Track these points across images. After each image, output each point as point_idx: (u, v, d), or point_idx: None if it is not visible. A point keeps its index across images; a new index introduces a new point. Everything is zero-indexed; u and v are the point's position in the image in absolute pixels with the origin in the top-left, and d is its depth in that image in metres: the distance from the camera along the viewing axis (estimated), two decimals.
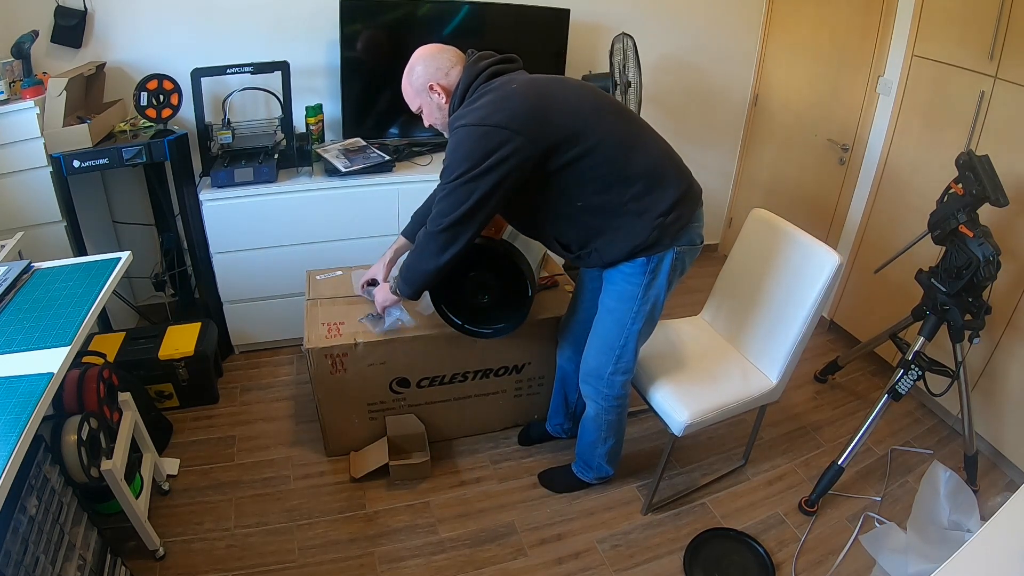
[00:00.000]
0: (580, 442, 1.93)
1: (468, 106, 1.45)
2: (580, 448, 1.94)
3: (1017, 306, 1.98)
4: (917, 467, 2.12)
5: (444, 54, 1.53)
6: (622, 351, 1.66)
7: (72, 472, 1.41)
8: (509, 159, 1.38)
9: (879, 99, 2.48)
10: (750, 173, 3.32)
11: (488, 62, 1.50)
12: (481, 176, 1.39)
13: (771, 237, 1.85)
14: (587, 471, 1.95)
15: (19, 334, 1.33)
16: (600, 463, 1.91)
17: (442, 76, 1.51)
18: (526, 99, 1.42)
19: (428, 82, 1.51)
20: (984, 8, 1.95)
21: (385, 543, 1.81)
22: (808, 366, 2.60)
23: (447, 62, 1.52)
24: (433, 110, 1.56)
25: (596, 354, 1.70)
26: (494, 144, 1.37)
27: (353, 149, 2.46)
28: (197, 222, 2.29)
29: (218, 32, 2.38)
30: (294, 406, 2.33)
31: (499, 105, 1.40)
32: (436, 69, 1.52)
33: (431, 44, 1.56)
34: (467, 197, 1.42)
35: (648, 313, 1.63)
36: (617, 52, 2.50)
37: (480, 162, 1.38)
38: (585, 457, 1.93)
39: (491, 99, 1.42)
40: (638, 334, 1.65)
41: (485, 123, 1.38)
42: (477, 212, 1.44)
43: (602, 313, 1.68)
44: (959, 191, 1.77)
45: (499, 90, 1.43)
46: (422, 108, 1.57)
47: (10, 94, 2.01)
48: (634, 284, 1.59)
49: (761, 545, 1.82)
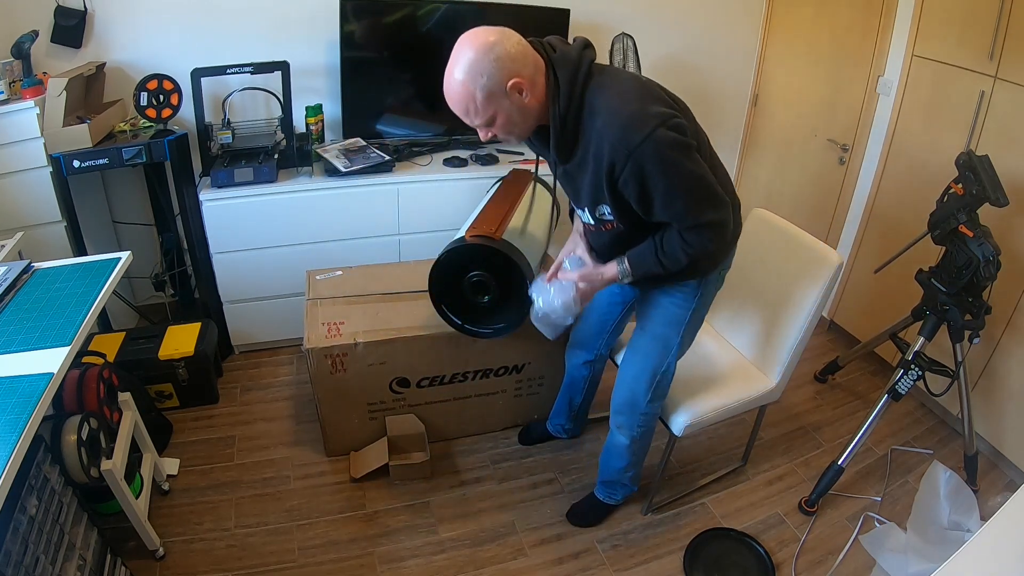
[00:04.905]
0: (607, 469, 1.83)
1: (609, 108, 1.19)
2: (607, 475, 1.84)
3: (1017, 306, 1.98)
4: (917, 467, 2.12)
5: (511, 40, 1.18)
6: (663, 376, 1.60)
7: (72, 472, 1.41)
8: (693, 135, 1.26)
9: (879, 99, 2.48)
10: (750, 173, 3.32)
11: (582, 44, 1.25)
12: (696, 158, 1.24)
13: (771, 237, 1.85)
14: (614, 494, 1.88)
15: (19, 334, 1.33)
16: (628, 483, 1.86)
17: (528, 68, 1.18)
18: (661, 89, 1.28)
19: (510, 79, 1.16)
20: (984, 8, 1.95)
21: (385, 543, 1.81)
22: (808, 366, 2.60)
23: (525, 50, 1.20)
24: (513, 115, 1.21)
25: (634, 381, 1.62)
26: (687, 133, 1.23)
27: (353, 149, 2.46)
28: (197, 222, 2.29)
29: (218, 32, 2.38)
30: (294, 406, 2.33)
31: (657, 96, 1.24)
32: (515, 61, 1.17)
33: (480, 30, 1.19)
34: (704, 175, 1.25)
35: (694, 334, 1.60)
36: (617, 52, 2.50)
37: (691, 151, 1.22)
38: (612, 481, 1.85)
39: (641, 93, 1.22)
40: (680, 356, 1.61)
41: (667, 121, 1.18)
42: (717, 188, 1.28)
43: (645, 339, 1.60)
44: (959, 191, 1.77)
45: (633, 80, 1.25)
46: (495, 117, 1.21)
47: (10, 94, 2.01)
48: (684, 308, 1.54)
49: (761, 545, 1.82)
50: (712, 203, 1.28)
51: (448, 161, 2.53)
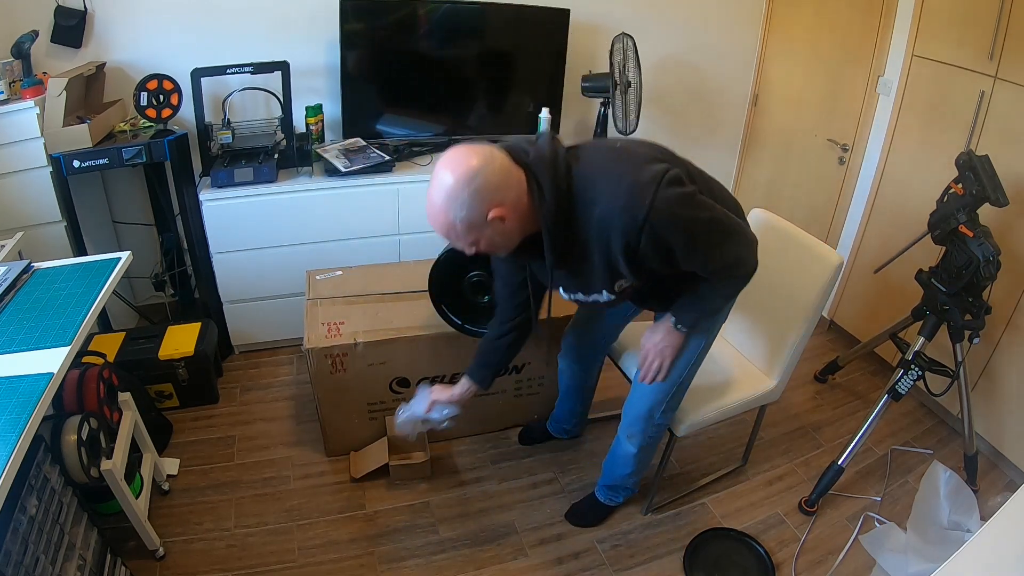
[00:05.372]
0: (611, 475, 1.83)
1: (603, 194, 1.16)
2: (610, 480, 1.84)
3: (1017, 306, 1.98)
4: (917, 467, 2.12)
5: (494, 165, 1.12)
6: (678, 389, 1.60)
7: (72, 472, 1.41)
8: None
9: (879, 99, 2.48)
10: (750, 173, 3.32)
11: (549, 138, 1.21)
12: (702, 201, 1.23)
13: (771, 237, 1.85)
14: (615, 497, 1.88)
15: (19, 334, 1.33)
16: (630, 487, 1.86)
17: (511, 192, 1.14)
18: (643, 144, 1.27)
19: (491, 210, 1.12)
20: (984, 8, 1.95)
21: (385, 543, 1.81)
22: (808, 366, 2.60)
23: (507, 172, 1.14)
24: (495, 239, 1.18)
25: (650, 395, 1.60)
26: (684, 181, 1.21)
27: (353, 149, 2.46)
28: (197, 222, 2.29)
29: (218, 32, 2.38)
30: (294, 406, 2.33)
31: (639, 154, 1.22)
32: (498, 190, 1.12)
33: (462, 153, 1.12)
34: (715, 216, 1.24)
35: (710, 347, 1.60)
36: (617, 52, 2.49)
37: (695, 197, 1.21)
38: (615, 485, 1.85)
39: (628, 162, 1.19)
40: (697, 369, 1.61)
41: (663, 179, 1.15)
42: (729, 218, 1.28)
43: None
44: (959, 191, 1.77)
45: (611, 152, 1.23)
46: (477, 241, 1.18)
47: (10, 94, 2.01)
48: (704, 331, 1.55)
49: (761, 545, 1.82)
50: (731, 238, 1.29)
51: None
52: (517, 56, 2.69)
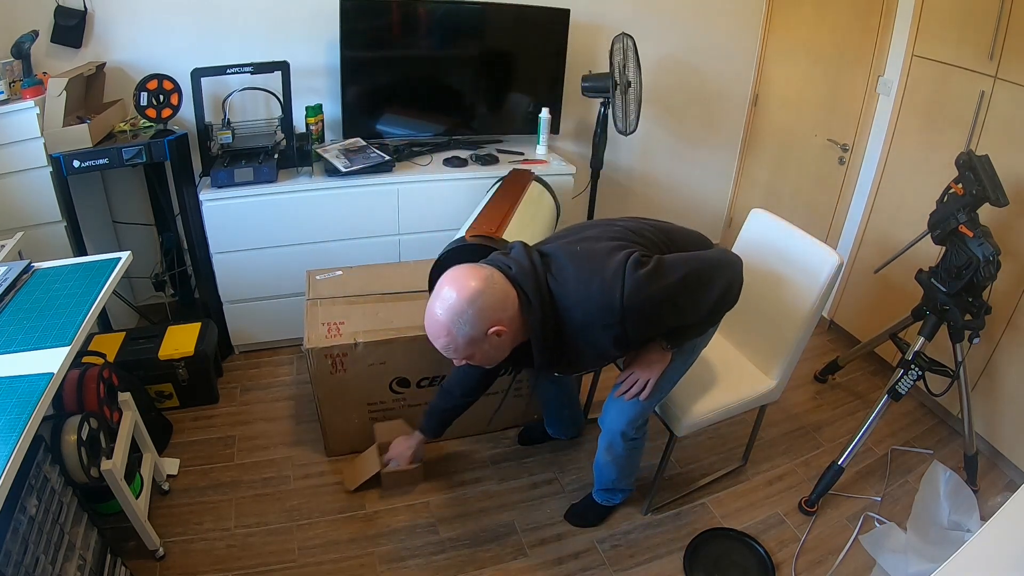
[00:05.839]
0: (603, 479, 1.82)
1: (584, 293, 1.22)
2: (604, 483, 1.83)
3: (1017, 306, 1.98)
4: (917, 467, 2.12)
5: (496, 286, 1.20)
6: (660, 398, 1.63)
7: (72, 472, 1.41)
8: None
9: (879, 99, 2.48)
10: (750, 173, 3.32)
11: (522, 247, 1.29)
12: (670, 265, 1.29)
13: (771, 237, 1.85)
14: (614, 497, 1.88)
15: (19, 334, 1.33)
16: (625, 487, 1.86)
17: (509, 310, 1.21)
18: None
19: (491, 327, 1.20)
20: (984, 8, 1.95)
21: (385, 543, 1.81)
22: (808, 366, 2.60)
23: (506, 291, 1.21)
24: (490, 352, 1.25)
25: (625, 416, 1.60)
26: (646, 260, 1.27)
27: (353, 149, 2.46)
28: (197, 222, 2.29)
29: (218, 32, 2.38)
30: (294, 406, 2.33)
31: (597, 240, 1.29)
32: (497, 309, 1.19)
33: (466, 273, 1.20)
34: (688, 272, 1.30)
35: (689, 368, 1.65)
36: (617, 52, 2.50)
37: (661, 267, 1.26)
38: (611, 486, 1.84)
39: (591, 264, 1.25)
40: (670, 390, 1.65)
41: (626, 264, 1.23)
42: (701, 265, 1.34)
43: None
44: (959, 191, 1.77)
45: (573, 254, 1.27)
46: (474, 355, 1.25)
47: (10, 94, 2.01)
48: (682, 362, 1.59)
49: (761, 545, 1.82)
50: (710, 282, 1.33)
51: (448, 161, 2.53)
52: (517, 56, 2.69)
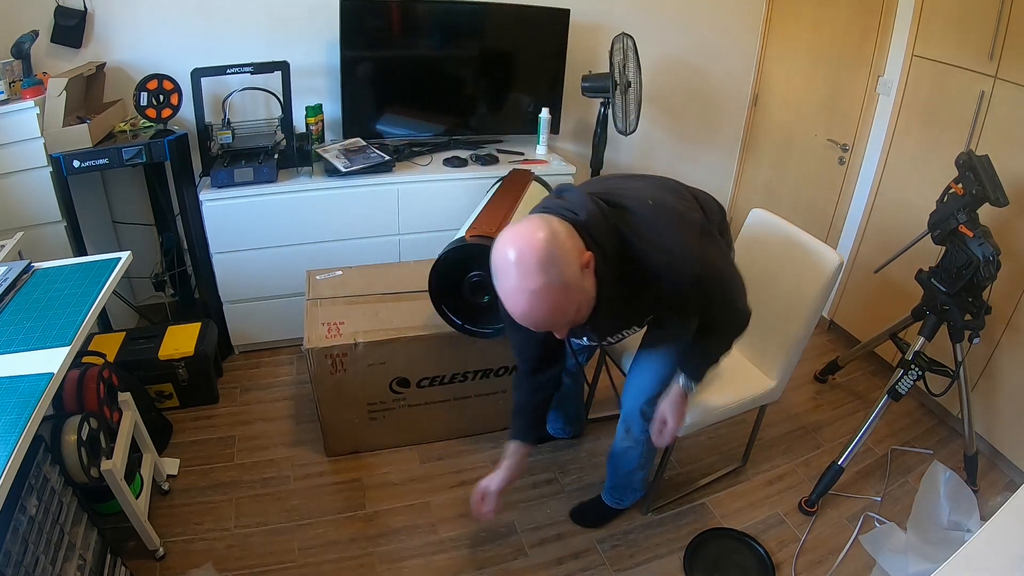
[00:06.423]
0: (616, 473, 1.81)
1: (649, 252, 1.20)
2: (616, 479, 1.83)
3: (1017, 306, 1.98)
4: (917, 467, 2.12)
5: (554, 222, 1.09)
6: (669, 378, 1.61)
7: (72, 472, 1.41)
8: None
9: (879, 99, 2.48)
10: (750, 173, 3.32)
11: (582, 192, 1.22)
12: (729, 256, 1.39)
13: (771, 237, 1.85)
14: (624, 498, 1.87)
15: (19, 334, 1.33)
16: (637, 487, 1.85)
17: (578, 244, 1.11)
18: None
19: (579, 257, 1.09)
20: (984, 8, 1.95)
21: (385, 543, 1.81)
22: (808, 366, 2.60)
23: (564, 228, 1.10)
24: (583, 302, 1.13)
25: (646, 391, 1.61)
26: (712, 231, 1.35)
27: (353, 149, 2.46)
28: (197, 222, 2.29)
29: (218, 32, 2.38)
30: (294, 406, 2.33)
31: (675, 218, 1.27)
32: (572, 236, 1.10)
33: (521, 230, 1.08)
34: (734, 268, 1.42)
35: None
36: (617, 52, 2.49)
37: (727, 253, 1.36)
38: (623, 485, 1.83)
39: (658, 223, 1.23)
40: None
41: (698, 233, 1.27)
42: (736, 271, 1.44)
43: (657, 356, 1.62)
44: (959, 191, 1.77)
45: (641, 213, 1.23)
46: (580, 306, 1.13)
47: (10, 94, 2.01)
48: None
49: (761, 545, 1.82)
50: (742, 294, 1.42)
51: (448, 161, 2.53)
52: (517, 56, 2.69)
